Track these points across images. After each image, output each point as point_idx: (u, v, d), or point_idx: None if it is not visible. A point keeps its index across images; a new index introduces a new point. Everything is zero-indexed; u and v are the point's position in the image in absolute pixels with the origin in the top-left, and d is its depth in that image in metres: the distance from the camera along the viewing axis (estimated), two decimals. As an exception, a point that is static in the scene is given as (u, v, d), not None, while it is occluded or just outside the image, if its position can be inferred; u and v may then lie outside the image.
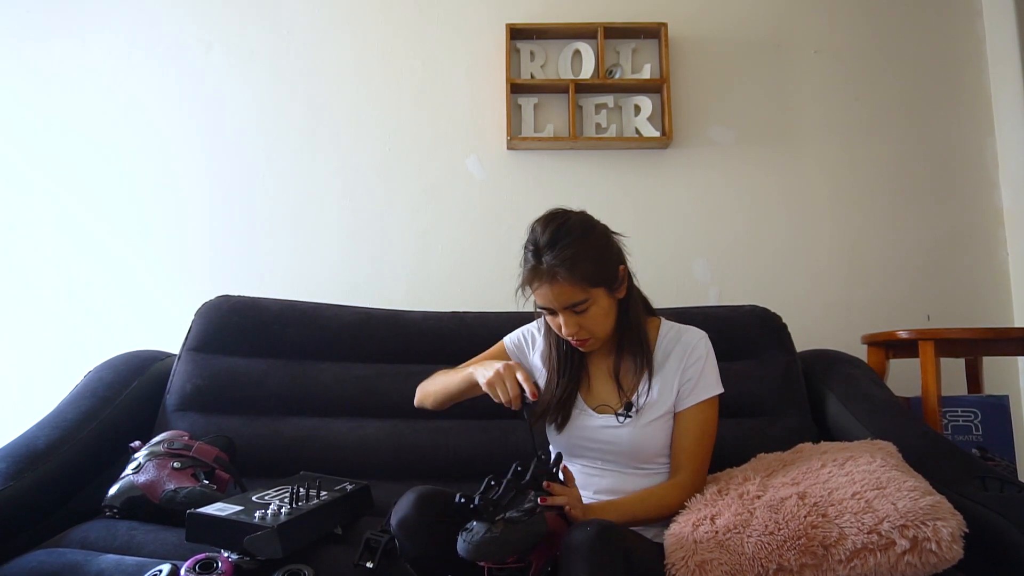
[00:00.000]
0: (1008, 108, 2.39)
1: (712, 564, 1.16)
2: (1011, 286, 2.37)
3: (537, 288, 1.34)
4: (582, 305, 1.33)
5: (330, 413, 1.85)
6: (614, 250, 1.40)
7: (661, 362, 1.43)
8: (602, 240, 1.38)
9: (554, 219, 1.37)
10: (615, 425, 1.40)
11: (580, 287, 1.31)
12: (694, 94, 2.44)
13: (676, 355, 1.42)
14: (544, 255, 1.31)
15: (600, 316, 1.36)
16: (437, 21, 2.46)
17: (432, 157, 2.41)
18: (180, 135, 2.42)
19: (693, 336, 1.45)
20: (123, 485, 1.49)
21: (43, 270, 2.36)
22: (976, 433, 1.97)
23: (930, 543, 1.10)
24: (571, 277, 1.30)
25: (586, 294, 1.32)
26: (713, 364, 1.43)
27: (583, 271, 1.30)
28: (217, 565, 1.22)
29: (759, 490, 1.31)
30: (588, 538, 1.09)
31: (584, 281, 1.31)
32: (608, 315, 1.37)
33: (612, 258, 1.38)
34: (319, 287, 2.31)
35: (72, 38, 2.44)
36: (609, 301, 1.37)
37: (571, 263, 1.30)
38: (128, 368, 1.88)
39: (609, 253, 1.38)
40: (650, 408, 1.39)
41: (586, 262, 1.31)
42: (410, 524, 1.20)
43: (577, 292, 1.31)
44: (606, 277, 1.35)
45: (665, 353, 1.43)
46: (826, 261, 2.39)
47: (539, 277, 1.32)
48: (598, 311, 1.35)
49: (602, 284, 1.34)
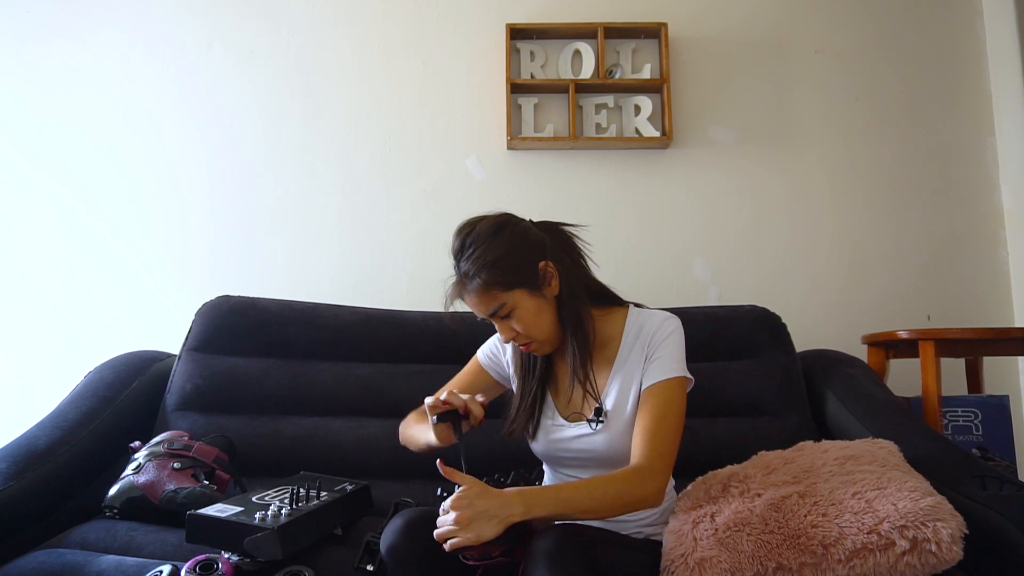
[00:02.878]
0: (1008, 108, 2.39)
1: (711, 562, 1.16)
2: (1011, 286, 2.37)
3: (465, 300, 1.30)
4: (503, 310, 1.27)
5: (330, 413, 1.85)
6: (531, 246, 1.30)
7: (626, 354, 1.34)
8: (513, 239, 1.29)
9: (465, 227, 1.31)
10: (588, 432, 1.33)
11: (491, 293, 1.26)
12: (694, 94, 2.44)
13: (639, 344, 1.33)
14: (459, 265, 1.28)
15: (530, 318, 1.29)
16: (437, 21, 2.46)
17: (432, 157, 2.41)
18: (180, 135, 2.42)
19: (656, 320, 1.35)
20: (123, 485, 1.49)
21: (43, 270, 2.36)
22: (976, 433, 1.97)
23: (930, 544, 1.10)
24: (482, 284, 1.25)
25: (501, 299, 1.26)
26: (678, 346, 1.33)
27: (492, 276, 1.25)
28: (217, 566, 1.22)
29: (759, 488, 1.30)
30: (548, 545, 1.08)
31: (496, 286, 1.25)
32: (539, 315, 1.30)
33: (528, 256, 1.29)
34: (319, 287, 2.32)
35: (72, 38, 2.44)
36: (536, 301, 1.29)
37: (478, 269, 1.25)
38: (128, 368, 1.88)
39: (523, 251, 1.29)
40: (619, 409, 1.32)
41: (494, 267, 1.25)
42: (399, 552, 1.16)
43: (492, 298, 1.26)
44: (522, 278, 1.27)
45: (630, 344, 1.35)
46: (826, 261, 2.39)
47: (456, 288, 1.29)
48: (525, 313, 1.28)
49: (519, 285, 1.27)
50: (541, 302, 1.30)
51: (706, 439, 1.77)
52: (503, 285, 1.26)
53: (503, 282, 1.26)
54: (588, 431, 1.34)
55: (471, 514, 1.07)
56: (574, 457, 1.37)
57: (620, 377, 1.33)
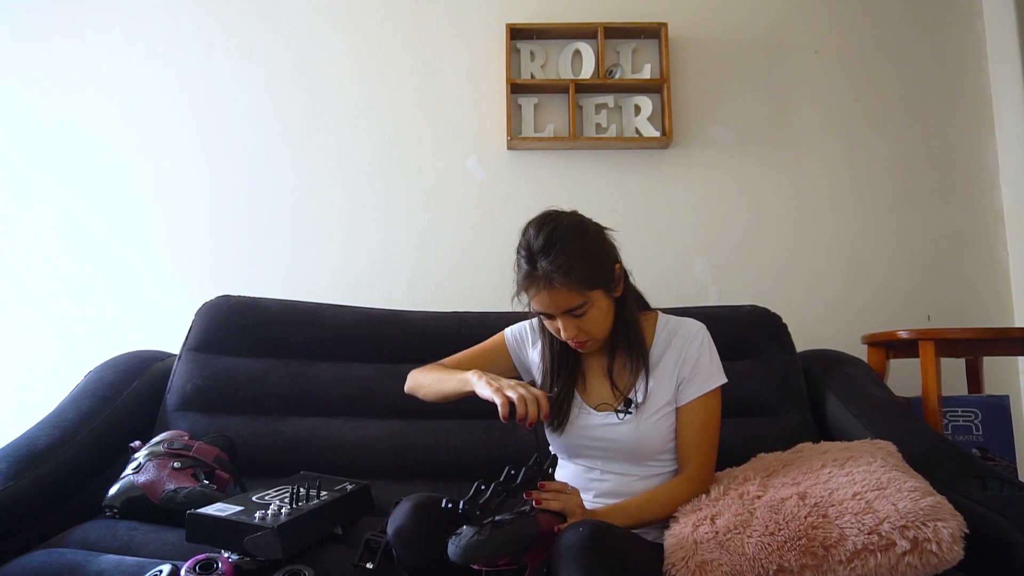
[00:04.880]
0: (1008, 108, 2.39)
1: (712, 565, 1.16)
2: (1011, 286, 2.37)
3: (534, 295, 1.32)
4: (581, 309, 1.31)
5: (330, 413, 1.85)
6: (609, 250, 1.38)
7: (658, 358, 1.41)
8: (597, 241, 1.36)
9: (547, 222, 1.33)
10: (616, 422, 1.38)
11: (578, 291, 1.29)
12: (694, 94, 2.44)
13: (673, 350, 1.40)
14: (539, 260, 1.29)
15: (600, 318, 1.34)
16: (437, 21, 2.46)
17: (432, 157, 2.41)
18: (180, 134, 2.42)
19: (690, 329, 1.43)
20: (123, 485, 1.49)
21: (43, 270, 2.36)
22: (976, 433, 1.97)
23: (931, 544, 1.10)
24: (568, 282, 1.28)
25: (584, 297, 1.30)
26: (712, 354, 1.41)
27: (580, 275, 1.28)
28: (217, 566, 1.22)
29: (759, 490, 1.31)
30: (581, 538, 1.08)
31: (581, 285, 1.29)
32: (607, 316, 1.36)
33: (608, 259, 1.36)
34: (319, 287, 2.32)
35: (72, 38, 2.44)
36: (607, 302, 1.35)
37: (567, 268, 1.27)
38: (128, 368, 1.88)
39: (604, 254, 1.36)
40: (650, 404, 1.37)
41: (582, 266, 1.29)
42: (407, 534, 1.18)
43: (575, 296, 1.29)
44: (603, 279, 1.33)
45: (662, 348, 1.41)
46: (826, 261, 2.39)
47: (535, 284, 1.30)
48: (597, 313, 1.33)
49: (599, 286, 1.32)
50: (610, 303, 1.37)
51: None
52: (588, 285, 1.30)
53: (588, 282, 1.30)
54: (615, 421, 1.38)
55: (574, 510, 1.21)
56: (596, 446, 1.40)
57: (655, 376, 1.39)
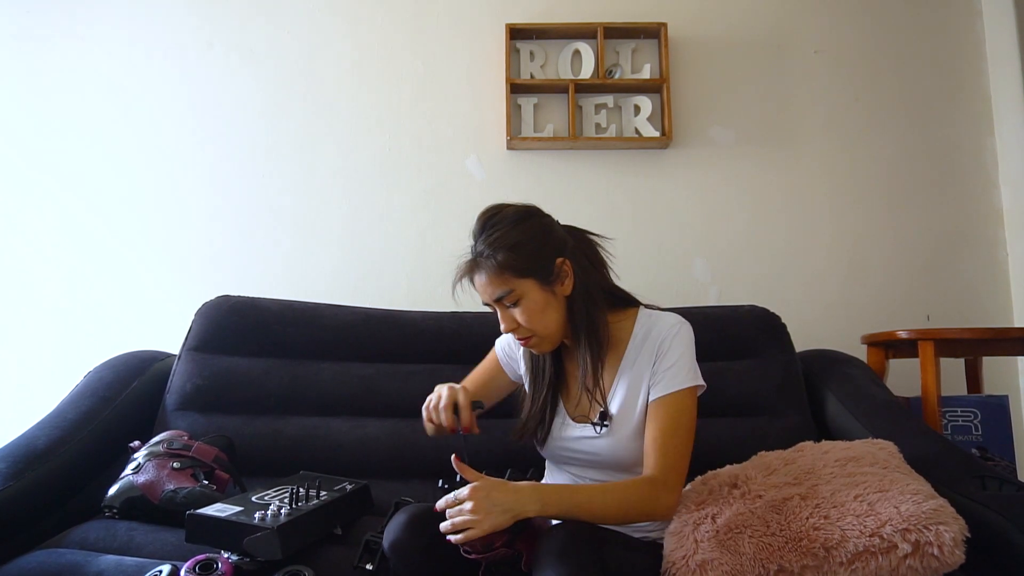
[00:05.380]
0: (1008, 108, 2.39)
1: (713, 564, 1.15)
2: (1011, 286, 2.37)
3: (471, 280, 1.30)
4: (508, 297, 1.26)
5: (330, 413, 1.85)
6: (552, 241, 1.29)
7: (633, 359, 1.32)
8: (535, 230, 1.28)
9: (490, 208, 1.32)
10: (593, 435, 1.32)
11: (502, 277, 1.25)
12: (694, 94, 2.44)
13: (647, 348, 1.31)
14: (475, 244, 1.28)
15: (534, 311, 1.27)
16: (437, 21, 2.46)
17: (432, 157, 2.41)
18: (180, 134, 2.41)
19: (665, 323, 1.32)
20: (122, 485, 1.49)
21: (43, 270, 2.36)
22: (976, 433, 1.97)
23: (932, 547, 1.10)
24: (494, 266, 1.24)
25: (510, 285, 1.25)
26: (688, 352, 1.30)
27: (506, 260, 1.24)
28: (217, 566, 1.22)
29: (760, 489, 1.30)
30: (558, 543, 1.08)
31: (507, 270, 1.24)
32: (545, 311, 1.27)
33: (546, 248, 1.28)
34: (319, 287, 2.32)
35: (72, 38, 2.44)
36: (543, 295, 1.27)
37: (493, 251, 1.24)
38: (128, 368, 1.88)
39: (543, 243, 1.28)
40: (625, 413, 1.30)
41: (511, 250, 1.24)
42: (402, 547, 1.17)
43: (501, 282, 1.25)
44: (536, 268, 1.26)
45: (638, 347, 1.32)
46: (826, 261, 2.39)
47: (468, 267, 1.29)
48: (531, 305, 1.26)
49: (531, 275, 1.25)
50: (549, 298, 1.28)
51: (706, 439, 1.74)
52: (516, 271, 1.25)
53: (516, 267, 1.25)
54: (592, 434, 1.33)
55: (487, 505, 1.09)
56: (577, 458, 1.37)
57: (626, 380, 1.32)
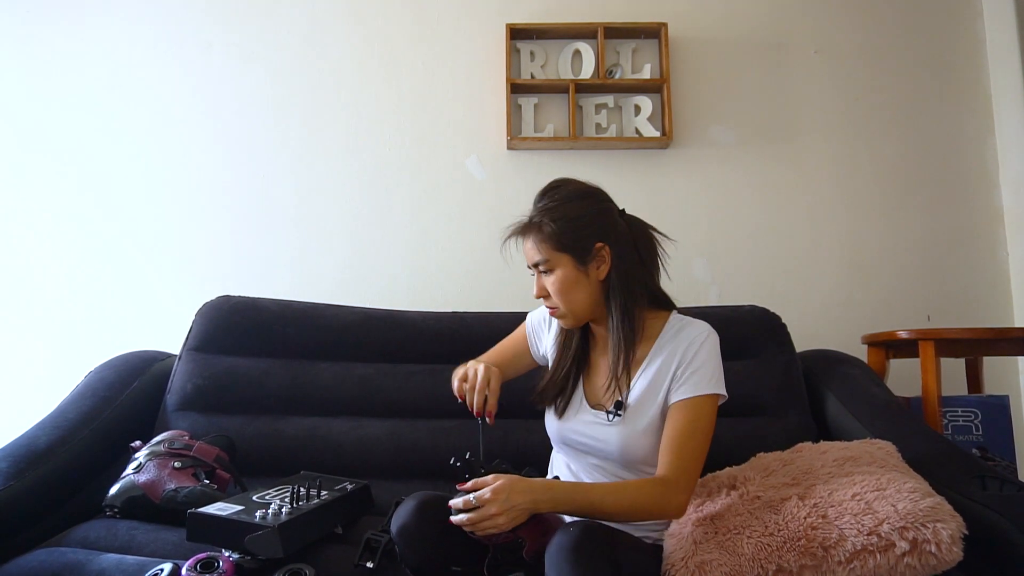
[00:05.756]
0: (1008, 108, 2.39)
1: (712, 565, 1.16)
2: (1011, 286, 2.37)
3: (521, 239, 1.36)
4: (544, 265, 1.32)
5: (330, 413, 1.85)
6: (600, 225, 1.33)
7: (657, 356, 1.34)
8: (586, 210, 1.33)
9: (556, 180, 1.38)
10: (605, 423, 1.34)
11: (543, 245, 1.31)
12: (694, 94, 2.44)
13: (673, 349, 1.33)
14: (532, 209, 1.34)
15: (563, 285, 1.31)
16: (437, 21, 2.46)
17: (432, 157, 2.41)
18: (181, 135, 2.42)
19: (695, 329, 1.35)
20: (124, 485, 1.50)
21: (44, 270, 2.36)
22: (976, 433, 1.97)
23: (930, 545, 1.10)
24: (540, 233, 1.31)
25: (547, 255, 1.31)
26: (714, 361, 1.32)
27: (552, 230, 1.30)
28: (218, 564, 1.22)
29: (759, 490, 1.31)
30: (572, 539, 1.08)
31: (550, 240, 1.30)
32: (574, 289, 1.32)
33: (589, 229, 1.31)
34: (319, 287, 2.32)
35: (72, 38, 2.44)
36: (576, 273, 1.31)
37: (543, 219, 1.31)
38: (129, 368, 1.88)
39: (588, 224, 1.32)
40: (640, 407, 1.32)
41: (558, 222, 1.30)
42: (411, 532, 1.19)
43: (541, 249, 1.31)
44: (574, 245, 1.30)
45: (663, 346, 1.35)
46: (826, 261, 2.39)
47: (519, 228, 1.35)
48: (561, 279, 1.31)
49: (567, 251, 1.30)
50: (581, 277, 1.32)
51: (706, 439, 1.77)
52: (555, 243, 1.30)
53: (556, 240, 1.30)
54: (604, 422, 1.34)
55: (508, 507, 1.13)
56: (585, 443, 1.37)
57: (647, 376, 1.34)
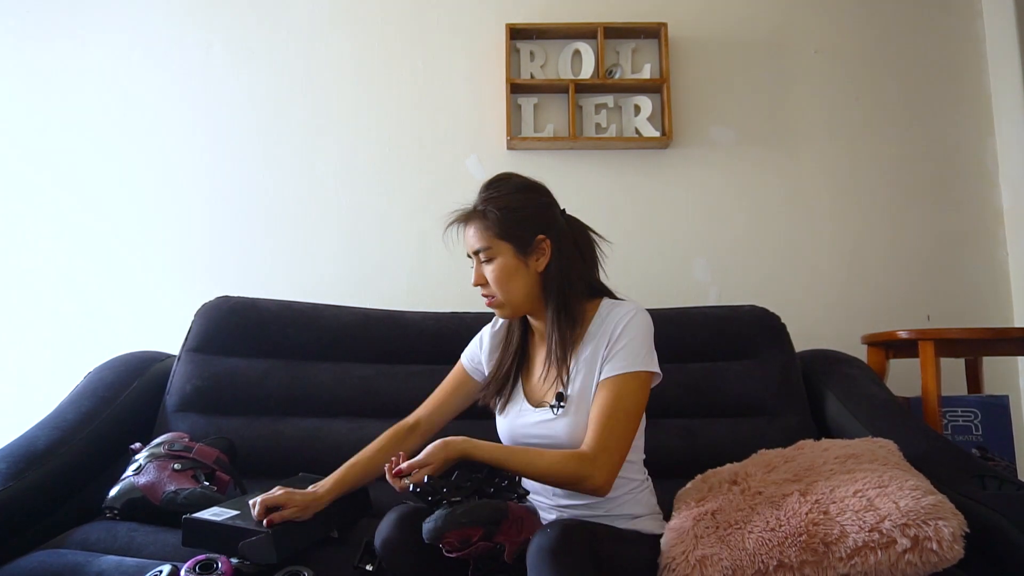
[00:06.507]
0: (1008, 108, 2.39)
1: (712, 559, 1.16)
2: (1011, 286, 2.37)
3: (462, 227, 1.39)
4: (484, 253, 1.35)
5: (330, 413, 1.85)
6: (541, 218, 1.36)
7: (589, 343, 1.35)
8: (530, 202, 1.37)
9: (502, 173, 1.42)
10: (550, 418, 1.34)
11: (487, 233, 1.34)
12: (694, 94, 2.44)
13: (604, 331, 1.34)
14: (477, 198, 1.38)
15: (502, 274, 1.34)
16: (437, 21, 2.46)
17: (432, 157, 2.41)
18: (180, 135, 2.42)
19: (623, 308, 1.35)
20: (124, 486, 1.49)
21: (43, 270, 2.36)
22: (976, 433, 1.96)
23: (931, 542, 1.10)
24: (483, 221, 1.35)
25: (489, 242, 1.34)
26: (641, 338, 1.31)
27: (495, 217, 1.33)
28: (217, 566, 1.22)
29: (760, 485, 1.31)
30: (551, 540, 1.08)
31: (492, 228, 1.34)
32: (512, 278, 1.34)
33: (531, 222, 1.35)
34: (319, 287, 2.31)
35: (72, 38, 2.44)
36: (515, 263, 1.34)
37: (487, 207, 1.35)
38: (128, 369, 1.88)
39: (531, 216, 1.35)
40: (581, 395, 1.32)
41: (501, 211, 1.33)
42: (393, 545, 1.19)
43: (483, 237, 1.35)
44: (516, 235, 1.34)
45: (594, 332, 1.35)
46: (826, 261, 2.39)
47: (462, 216, 1.39)
48: (501, 267, 1.34)
49: (509, 240, 1.34)
50: (520, 267, 1.35)
51: (706, 439, 1.77)
52: (497, 231, 1.34)
53: (498, 229, 1.34)
54: (550, 416, 1.35)
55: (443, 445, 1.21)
56: (535, 441, 1.36)
57: (583, 365, 1.34)
